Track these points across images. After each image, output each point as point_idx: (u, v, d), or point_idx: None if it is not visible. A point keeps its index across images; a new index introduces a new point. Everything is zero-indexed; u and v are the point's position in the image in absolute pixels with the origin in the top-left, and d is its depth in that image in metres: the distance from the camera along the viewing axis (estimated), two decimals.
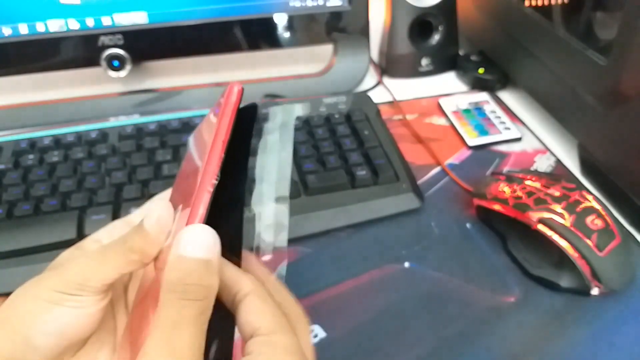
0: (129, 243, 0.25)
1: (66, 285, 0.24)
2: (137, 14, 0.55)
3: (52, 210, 0.43)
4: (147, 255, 0.25)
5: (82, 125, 0.52)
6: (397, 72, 0.66)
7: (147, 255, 0.25)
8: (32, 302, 0.24)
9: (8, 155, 0.49)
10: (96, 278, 0.25)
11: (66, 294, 0.24)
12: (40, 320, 0.24)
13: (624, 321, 0.38)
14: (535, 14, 0.54)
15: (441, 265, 0.42)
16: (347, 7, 0.59)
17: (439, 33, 0.64)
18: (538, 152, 0.54)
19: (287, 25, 0.59)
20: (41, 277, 0.25)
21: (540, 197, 0.40)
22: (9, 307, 0.24)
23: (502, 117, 0.58)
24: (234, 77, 0.62)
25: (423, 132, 0.56)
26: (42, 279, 0.25)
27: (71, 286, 0.24)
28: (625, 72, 0.42)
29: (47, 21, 0.54)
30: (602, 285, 0.38)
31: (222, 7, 0.56)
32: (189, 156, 0.30)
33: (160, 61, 0.60)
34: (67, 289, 0.24)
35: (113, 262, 0.25)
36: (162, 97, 0.60)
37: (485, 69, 0.63)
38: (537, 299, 0.40)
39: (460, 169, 0.52)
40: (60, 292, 0.24)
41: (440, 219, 0.46)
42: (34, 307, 0.24)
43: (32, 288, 0.24)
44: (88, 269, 0.25)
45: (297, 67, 0.64)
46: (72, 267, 0.25)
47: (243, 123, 0.28)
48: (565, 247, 0.38)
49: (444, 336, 0.37)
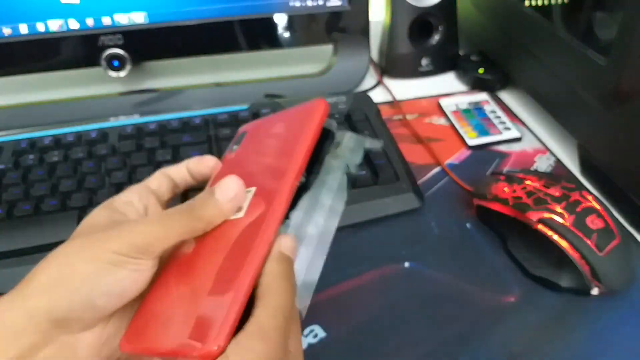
0: (198, 212, 0.27)
1: (129, 248, 0.25)
2: (137, 14, 0.55)
3: (52, 210, 0.43)
4: (212, 225, 0.27)
5: (82, 125, 0.52)
6: (397, 72, 0.66)
7: (213, 225, 0.27)
8: (93, 264, 0.24)
9: (8, 155, 0.49)
10: (159, 243, 0.26)
11: (128, 257, 0.25)
12: (103, 282, 0.24)
13: (624, 321, 0.38)
14: (535, 14, 0.54)
15: (441, 265, 0.42)
16: (347, 7, 0.59)
17: (439, 33, 0.64)
18: (538, 152, 0.54)
19: (287, 25, 0.59)
20: (96, 238, 0.25)
21: (540, 197, 0.40)
22: (65, 266, 0.25)
23: (502, 117, 0.58)
24: (234, 77, 0.62)
25: (423, 132, 0.56)
26: (98, 240, 0.25)
27: (134, 249, 0.25)
28: (625, 72, 0.42)
29: (47, 21, 0.54)
30: (602, 285, 0.38)
31: (222, 7, 0.56)
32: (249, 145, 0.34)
33: (160, 61, 0.60)
34: (129, 252, 0.25)
35: (178, 229, 0.26)
36: (162, 97, 0.60)
37: (485, 69, 0.63)
38: (537, 299, 0.40)
39: (460, 169, 0.52)
40: (122, 255, 0.25)
41: (440, 219, 0.46)
42: (96, 269, 0.24)
43: (89, 249, 0.25)
44: (152, 234, 0.26)
45: (297, 67, 0.64)
46: (135, 230, 0.26)
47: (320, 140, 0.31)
48: (565, 247, 0.38)
49: (443, 336, 0.37)
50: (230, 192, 0.28)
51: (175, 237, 0.26)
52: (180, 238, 0.26)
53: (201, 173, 0.33)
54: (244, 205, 0.28)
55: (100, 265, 0.24)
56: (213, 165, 0.33)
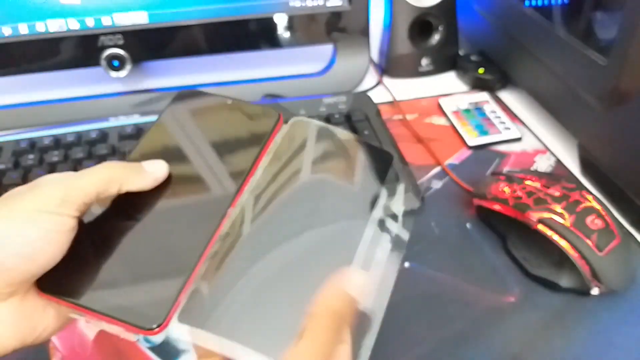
0: (118, 169, 0.27)
1: (45, 202, 0.24)
2: (137, 14, 0.55)
3: None
4: (126, 187, 0.27)
5: (82, 125, 0.52)
6: (397, 72, 0.66)
7: (127, 187, 0.27)
8: (4, 222, 0.23)
9: (8, 155, 0.49)
10: (78, 193, 0.25)
11: (44, 212, 0.24)
12: (13, 241, 0.23)
13: (624, 321, 0.38)
14: (535, 14, 0.54)
15: (441, 265, 0.42)
16: (347, 7, 0.59)
17: (439, 33, 0.64)
18: (538, 152, 0.54)
19: (287, 25, 0.58)
20: (13, 198, 0.24)
21: (540, 197, 0.40)
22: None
23: (502, 117, 0.58)
24: (234, 77, 0.62)
25: (423, 132, 0.56)
26: (16, 200, 0.24)
27: (51, 202, 0.24)
28: (625, 72, 0.42)
29: (47, 21, 0.54)
30: (602, 285, 0.38)
31: (222, 7, 0.56)
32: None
33: (160, 61, 0.60)
34: (45, 207, 0.24)
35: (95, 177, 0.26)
36: (162, 97, 0.60)
37: (485, 69, 0.63)
38: (537, 299, 0.40)
39: (460, 169, 0.52)
40: (37, 211, 0.24)
41: (440, 219, 0.46)
42: (6, 227, 0.23)
43: (4, 208, 0.24)
44: (69, 185, 0.25)
45: (297, 67, 0.64)
46: (50, 184, 0.25)
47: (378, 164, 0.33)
48: (565, 247, 0.38)
49: (444, 336, 0.37)
50: (159, 170, 0.28)
51: (94, 187, 0.25)
52: (99, 191, 0.25)
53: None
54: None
55: (11, 223, 0.23)
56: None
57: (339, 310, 0.25)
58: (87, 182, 0.25)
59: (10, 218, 0.23)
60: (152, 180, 0.28)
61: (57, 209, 0.24)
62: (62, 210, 0.24)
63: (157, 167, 0.28)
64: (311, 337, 0.23)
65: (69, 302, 0.25)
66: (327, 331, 0.24)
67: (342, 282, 0.25)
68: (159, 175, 0.28)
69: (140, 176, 0.27)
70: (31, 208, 0.24)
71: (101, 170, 0.26)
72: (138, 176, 0.27)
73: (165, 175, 0.29)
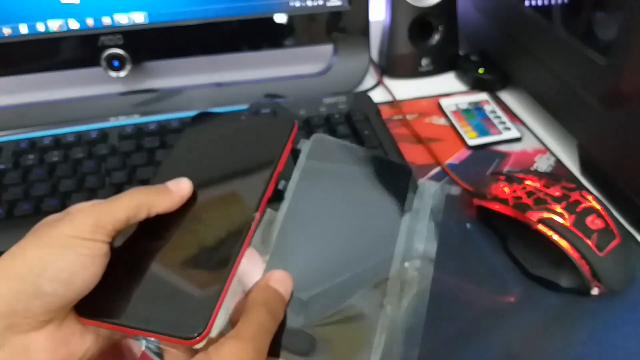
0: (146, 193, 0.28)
1: (79, 229, 0.25)
2: (137, 14, 0.55)
3: (52, 210, 0.43)
4: (157, 209, 0.28)
5: (82, 125, 0.52)
6: (397, 72, 0.66)
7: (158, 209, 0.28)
8: (42, 249, 0.24)
9: (8, 155, 0.49)
10: (109, 219, 0.26)
11: (78, 238, 0.25)
12: (50, 267, 0.24)
13: (624, 321, 0.38)
14: (535, 14, 0.54)
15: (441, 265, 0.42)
16: (347, 7, 0.59)
17: (439, 33, 0.64)
18: (538, 152, 0.54)
19: (287, 25, 0.59)
20: (49, 225, 0.25)
21: (540, 197, 0.40)
22: (17, 256, 0.24)
23: (502, 117, 0.58)
24: (234, 77, 0.62)
25: (423, 132, 0.56)
26: (51, 228, 0.25)
27: (84, 229, 0.25)
28: (625, 72, 0.42)
29: (47, 21, 0.54)
30: (602, 285, 0.38)
31: (222, 7, 0.56)
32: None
33: (160, 61, 0.60)
34: (79, 233, 0.25)
35: (125, 204, 0.26)
36: (162, 97, 0.60)
37: (485, 69, 0.63)
38: (537, 299, 0.40)
39: (460, 169, 0.52)
40: (72, 237, 0.25)
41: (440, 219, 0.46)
42: (44, 254, 0.24)
43: (41, 236, 0.25)
44: (100, 211, 0.26)
45: (297, 67, 0.64)
46: (84, 213, 0.26)
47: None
48: (565, 247, 0.38)
49: (443, 336, 0.37)
50: (182, 189, 0.29)
51: (124, 215, 0.26)
52: (129, 216, 0.26)
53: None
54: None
55: (48, 251, 0.24)
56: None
57: (270, 302, 0.27)
58: (117, 209, 0.26)
59: (47, 245, 0.24)
60: (179, 198, 0.29)
61: (90, 235, 0.25)
62: (95, 236, 0.25)
63: (182, 185, 0.29)
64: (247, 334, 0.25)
65: (109, 324, 0.26)
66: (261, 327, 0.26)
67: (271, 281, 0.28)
68: (184, 193, 0.29)
69: (167, 197, 0.29)
70: (65, 235, 0.25)
71: (130, 196, 0.27)
72: (165, 197, 0.28)
73: (190, 191, 0.30)
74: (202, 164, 0.32)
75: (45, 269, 0.24)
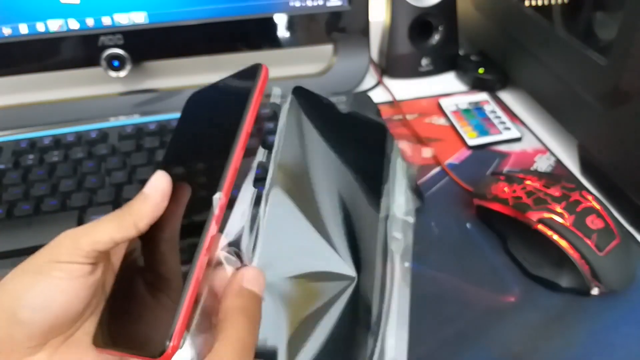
0: (127, 208, 0.26)
1: (56, 252, 0.24)
2: (137, 14, 0.55)
3: (52, 210, 0.43)
4: (144, 220, 0.26)
5: (82, 125, 0.52)
6: (397, 72, 0.66)
7: (145, 219, 0.26)
8: (19, 277, 0.24)
9: (8, 155, 0.49)
10: (87, 241, 0.24)
11: (53, 262, 0.24)
12: (26, 294, 0.23)
13: (624, 321, 0.38)
14: (535, 14, 0.54)
15: (441, 265, 0.42)
16: (347, 7, 0.59)
17: (439, 33, 0.64)
18: (538, 152, 0.54)
19: (287, 25, 0.59)
20: (34, 255, 0.25)
21: (540, 197, 0.40)
22: (1, 285, 0.24)
23: (502, 117, 0.58)
24: None
25: (423, 132, 0.56)
26: (31, 257, 0.25)
27: (61, 252, 0.24)
28: (625, 72, 0.42)
29: (47, 21, 0.54)
30: (602, 285, 0.38)
31: (222, 7, 0.56)
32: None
33: (160, 61, 0.60)
34: (56, 257, 0.24)
35: (106, 225, 0.25)
36: (162, 97, 0.60)
37: (485, 69, 0.63)
38: (537, 299, 0.40)
39: (460, 169, 0.52)
40: (47, 262, 0.24)
41: (440, 219, 0.46)
42: (21, 281, 0.24)
43: (23, 264, 0.24)
44: (78, 233, 0.25)
45: (297, 67, 0.64)
46: (63, 236, 0.25)
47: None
48: (565, 247, 0.38)
49: (443, 336, 0.37)
50: (158, 186, 0.26)
51: (105, 234, 0.25)
52: (112, 236, 0.25)
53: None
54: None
55: (25, 278, 0.24)
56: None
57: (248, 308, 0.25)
58: (98, 229, 0.25)
59: (24, 272, 0.24)
60: (160, 198, 0.26)
61: (67, 258, 0.24)
62: (72, 258, 0.24)
63: (156, 183, 0.27)
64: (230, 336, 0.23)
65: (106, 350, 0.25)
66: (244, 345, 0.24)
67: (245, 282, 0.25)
68: (162, 187, 0.27)
69: (147, 203, 0.26)
70: (42, 261, 0.24)
71: (113, 214, 0.26)
72: (144, 205, 0.26)
73: (168, 184, 0.27)
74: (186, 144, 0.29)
75: (20, 296, 0.23)
